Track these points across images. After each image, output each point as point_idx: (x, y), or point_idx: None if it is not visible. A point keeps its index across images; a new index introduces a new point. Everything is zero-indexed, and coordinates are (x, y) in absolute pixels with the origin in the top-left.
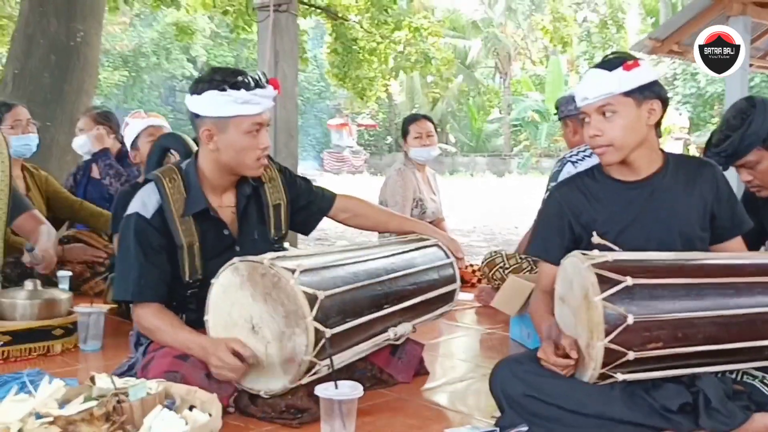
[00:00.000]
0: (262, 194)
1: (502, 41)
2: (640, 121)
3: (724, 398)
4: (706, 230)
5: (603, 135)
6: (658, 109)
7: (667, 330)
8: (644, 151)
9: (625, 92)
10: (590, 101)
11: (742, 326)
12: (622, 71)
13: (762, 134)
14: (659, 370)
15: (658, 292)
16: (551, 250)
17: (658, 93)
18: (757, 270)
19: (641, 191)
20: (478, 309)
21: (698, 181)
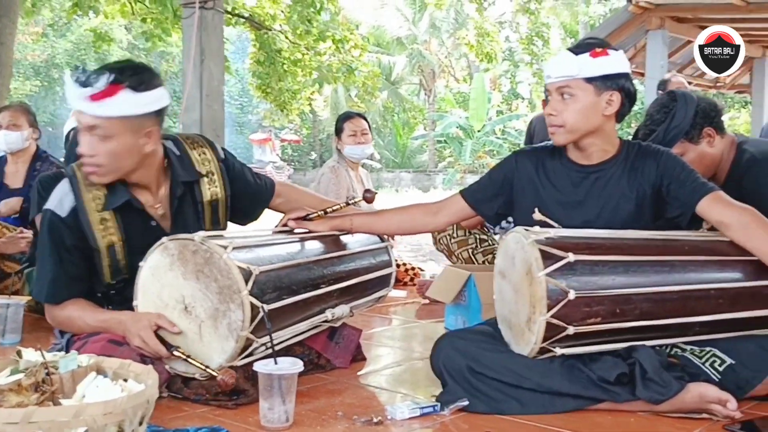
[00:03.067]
0: (197, 191)
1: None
2: (597, 109)
3: (659, 369)
4: (646, 215)
5: (558, 115)
6: (617, 101)
7: (605, 305)
8: (597, 139)
9: (587, 78)
10: (552, 80)
11: (676, 302)
12: (588, 57)
13: (684, 127)
14: (597, 345)
15: (599, 269)
16: (480, 199)
17: (622, 85)
18: (692, 249)
19: (589, 176)
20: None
21: (642, 168)
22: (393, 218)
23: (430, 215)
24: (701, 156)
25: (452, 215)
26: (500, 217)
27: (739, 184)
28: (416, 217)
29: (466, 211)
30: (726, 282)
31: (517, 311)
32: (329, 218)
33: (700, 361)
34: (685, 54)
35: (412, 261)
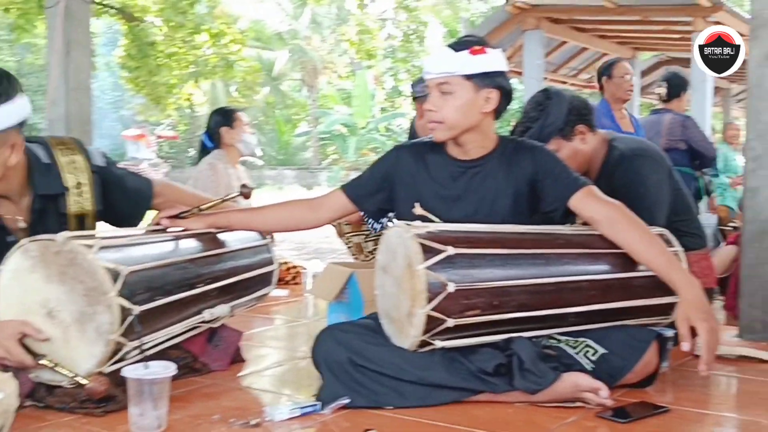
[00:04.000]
0: (61, 202)
1: (309, 54)
2: (475, 106)
3: (536, 359)
4: (522, 210)
5: (437, 111)
6: (495, 98)
7: (484, 297)
8: (476, 136)
9: (466, 75)
10: (432, 76)
11: (552, 294)
12: (467, 54)
13: (559, 124)
14: (477, 336)
15: (477, 262)
16: (362, 194)
17: (500, 84)
18: (566, 242)
19: (468, 171)
20: (293, 303)
21: (518, 163)
22: (272, 214)
23: (310, 211)
24: (575, 152)
25: (333, 211)
26: (382, 213)
27: (610, 179)
28: (296, 214)
29: (348, 206)
30: (598, 274)
31: (398, 305)
32: (205, 215)
33: (575, 351)
34: (561, 54)
35: (296, 259)
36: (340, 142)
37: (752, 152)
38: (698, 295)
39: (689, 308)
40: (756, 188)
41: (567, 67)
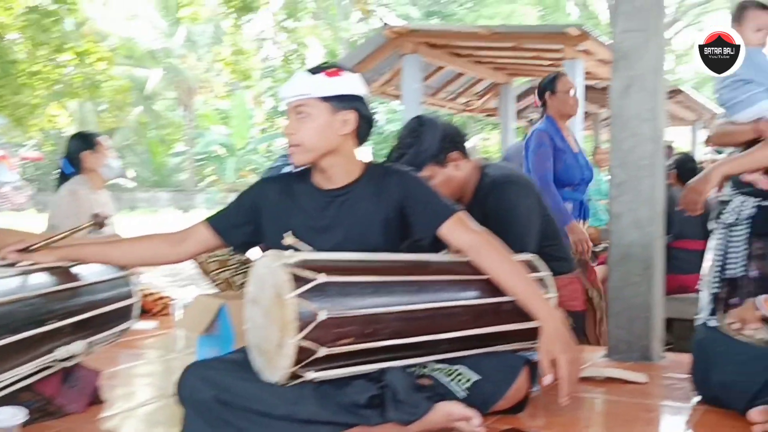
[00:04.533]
0: None
1: (184, 73)
2: (332, 129)
3: (409, 390)
4: (393, 237)
5: (295, 134)
6: (353, 121)
7: (357, 325)
8: (338, 160)
9: (322, 97)
10: (288, 99)
11: (425, 320)
12: (323, 76)
13: (432, 151)
14: (349, 366)
15: (350, 289)
16: (227, 227)
17: (357, 107)
18: (439, 269)
19: (335, 200)
20: (161, 336)
21: (386, 189)
22: (131, 249)
23: (173, 245)
24: (448, 179)
25: (197, 245)
26: (248, 246)
27: (482, 205)
28: (157, 248)
29: (213, 240)
30: (470, 299)
31: (268, 336)
32: (56, 248)
33: (448, 379)
34: (439, 78)
35: (169, 286)
36: (217, 163)
37: (615, 179)
38: (558, 326)
39: (549, 341)
40: (619, 214)
41: (445, 90)
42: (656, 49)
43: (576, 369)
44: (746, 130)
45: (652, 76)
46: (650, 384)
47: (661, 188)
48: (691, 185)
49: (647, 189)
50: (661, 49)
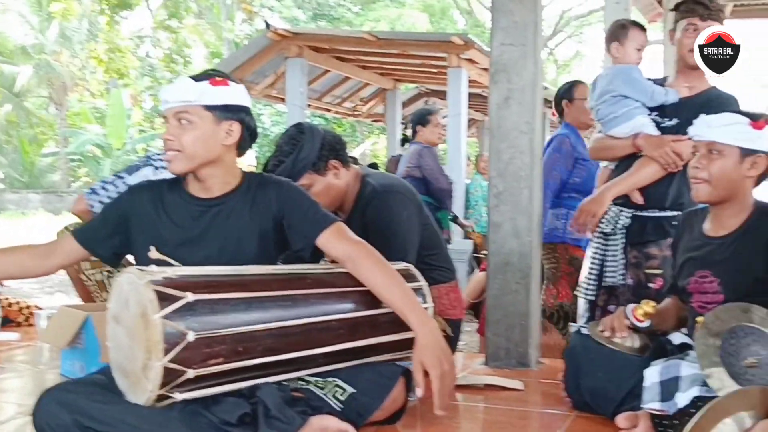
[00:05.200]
0: None
1: (57, 70)
2: (216, 138)
3: (282, 405)
4: (270, 249)
5: (175, 140)
6: (237, 132)
7: (227, 345)
8: (218, 171)
9: (206, 105)
10: (170, 105)
11: (299, 336)
12: (208, 85)
13: (312, 158)
14: (221, 385)
15: (219, 307)
16: (94, 239)
17: (242, 119)
18: (314, 281)
19: (210, 210)
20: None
21: (263, 200)
22: None
23: (39, 258)
24: (328, 187)
25: (65, 258)
26: (118, 257)
27: (363, 214)
28: (23, 261)
29: (80, 252)
30: (346, 312)
31: (133, 357)
32: None
33: (323, 392)
34: (325, 82)
35: (37, 293)
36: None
37: (495, 189)
38: (432, 339)
39: (423, 353)
40: (499, 223)
41: (331, 95)
42: (533, 65)
43: (450, 381)
44: (625, 145)
45: (530, 90)
46: (526, 391)
47: (538, 199)
48: (583, 207)
49: (525, 199)
50: (539, 64)
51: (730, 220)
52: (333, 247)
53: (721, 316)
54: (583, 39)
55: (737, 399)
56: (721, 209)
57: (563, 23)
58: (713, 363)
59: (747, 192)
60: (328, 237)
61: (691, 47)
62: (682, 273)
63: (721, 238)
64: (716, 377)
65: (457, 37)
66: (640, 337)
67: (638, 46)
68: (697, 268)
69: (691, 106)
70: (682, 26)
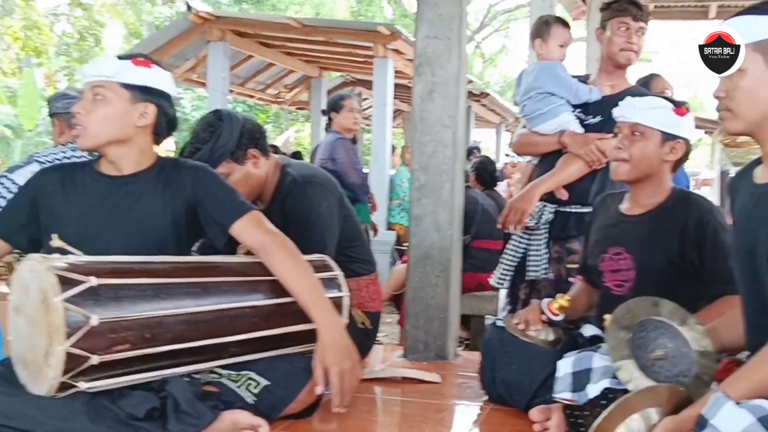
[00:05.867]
0: None
1: None
2: (128, 118)
3: (193, 399)
4: (182, 234)
5: (84, 115)
6: (152, 115)
7: (134, 331)
8: (129, 151)
9: (123, 83)
10: (89, 79)
11: (210, 323)
12: (129, 63)
13: (230, 147)
14: (127, 375)
15: (125, 293)
16: (10, 230)
17: (160, 103)
18: (226, 270)
19: (120, 188)
20: None
21: (176, 183)
22: None
23: None
24: (247, 177)
25: None
26: (37, 246)
27: (282, 205)
28: None
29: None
30: (260, 300)
31: (34, 346)
32: None
33: (236, 385)
34: (248, 67)
35: None
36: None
37: (417, 182)
38: (334, 336)
39: (324, 351)
40: (420, 216)
41: (254, 81)
42: (458, 58)
43: (351, 379)
44: (550, 141)
45: (454, 83)
46: (443, 383)
47: (460, 192)
48: (513, 205)
49: (447, 193)
50: (463, 58)
51: (648, 200)
52: (247, 236)
53: (632, 309)
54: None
55: (645, 396)
56: (640, 189)
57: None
58: (623, 356)
59: (664, 175)
60: (242, 225)
61: (623, 46)
62: (595, 251)
63: (637, 216)
64: (625, 369)
65: (383, 27)
66: (554, 331)
67: (561, 43)
68: (610, 244)
69: (613, 104)
70: (613, 25)
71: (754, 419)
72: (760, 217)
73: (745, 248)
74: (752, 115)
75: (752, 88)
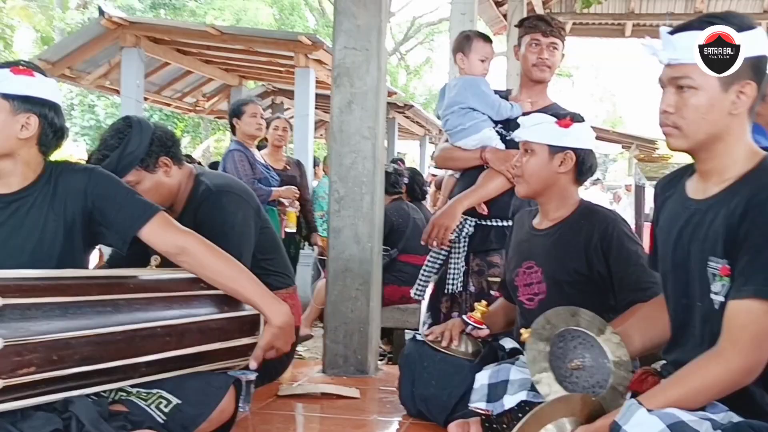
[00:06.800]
0: None
1: None
2: (9, 130)
3: (98, 420)
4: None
5: None
6: (33, 126)
7: (41, 353)
8: (15, 166)
9: (3, 94)
10: None
11: (120, 344)
12: (8, 72)
13: (139, 154)
14: (32, 398)
15: (32, 313)
16: None
17: (43, 113)
18: (138, 287)
19: (9, 206)
20: None
21: (67, 190)
22: None
23: None
24: (158, 185)
25: None
26: None
27: (195, 215)
28: None
29: None
30: (173, 319)
31: None
32: None
33: (146, 403)
34: (164, 75)
35: None
36: None
37: (336, 194)
38: (285, 323)
39: (275, 337)
40: (339, 228)
41: (171, 89)
42: (377, 69)
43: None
44: (471, 157)
45: (374, 94)
46: (364, 398)
47: (380, 204)
48: (436, 221)
49: (367, 205)
50: (383, 69)
51: (555, 214)
52: (160, 239)
53: (551, 320)
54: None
55: (559, 405)
56: (546, 203)
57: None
58: (542, 369)
59: (564, 187)
60: (153, 228)
61: (534, 62)
62: (511, 265)
63: (545, 230)
64: (545, 383)
65: (304, 37)
66: (473, 343)
67: (482, 58)
68: (523, 259)
69: None
70: (525, 41)
71: (664, 426)
72: (692, 235)
73: (675, 261)
74: (699, 135)
75: (704, 108)
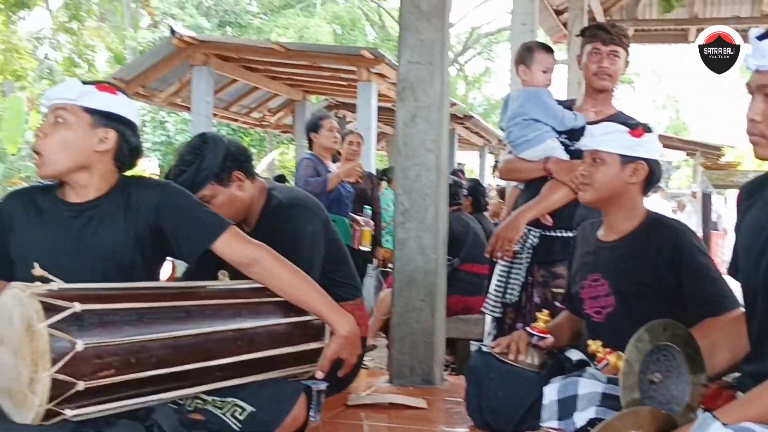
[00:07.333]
0: None
1: None
2: (87, 142)
3: (179, 428)
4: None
5: (43, 139)
6: (112, 140)
7: (119, 356)
8: (90, 178)
9: (85, 107)
10: (51, 102)
11: (193, 347)
12: (93, 88)
13: (214, 169)
14: (114, 402)
15: (109, 318)
16: None
17: (119, 129)
18: (209, 294)
19: (82, 215)
20: None
21: (138, 203)
22: None
23: None
24: (231, 199)
25: None
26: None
27: (267, 228)
28: None
29: None
30: (243, 323)
31: (19, 375)
32: None
33: (222, 412)
34: (232, 91)
35: None
36: None
37: (401, 206)
38: (351, 333)
39: (340, 347)
40: (404, 240)
41: (238, 104)
42: (440, 83)
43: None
44: (535, 168)
45: (437, 108)
46: (430, 409)
47: (444, 216)
48: (500, 233)
49: (431, 216)
50: (446, 83)
51: (621, 225)
52: (233, 251)
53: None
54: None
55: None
56: (613, 214)
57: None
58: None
59: (634, 198)
60: (226, 241)
61: (595, 71)
62: (576, 279)
63: (612, 242)
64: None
65: (366, 51)
66: (539, 354)
67: (545, 69)
68: (589, 271)
69: None
70: (587, 50)
71: None
72: None
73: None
74: None
75: None
